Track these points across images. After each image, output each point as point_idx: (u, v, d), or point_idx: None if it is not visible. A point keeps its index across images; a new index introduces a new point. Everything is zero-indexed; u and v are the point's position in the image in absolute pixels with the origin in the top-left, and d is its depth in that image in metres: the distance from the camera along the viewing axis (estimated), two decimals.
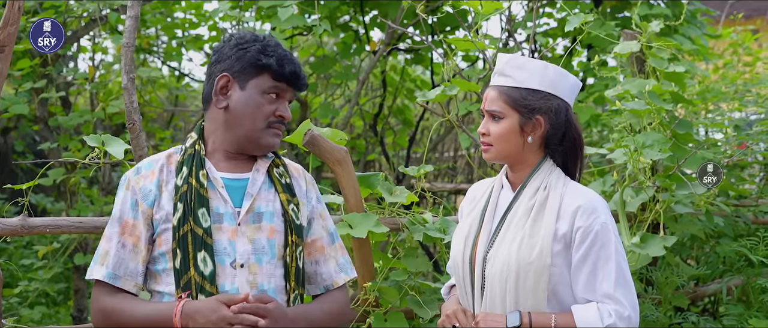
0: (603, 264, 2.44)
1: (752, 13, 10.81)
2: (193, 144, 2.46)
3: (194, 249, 2.33)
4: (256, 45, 2.43)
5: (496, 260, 2.49)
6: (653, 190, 3.88)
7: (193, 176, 2.39)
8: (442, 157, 8.49)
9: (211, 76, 2.46)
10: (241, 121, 2.42)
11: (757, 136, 4.69)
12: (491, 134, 2.55)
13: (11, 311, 5.43)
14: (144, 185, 2.41)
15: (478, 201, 2.69)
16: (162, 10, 6.35)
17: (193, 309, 2.27)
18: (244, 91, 2.42)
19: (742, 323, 4.33)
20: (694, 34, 5.62)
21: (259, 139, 2.44)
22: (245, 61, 2.42)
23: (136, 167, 2.46)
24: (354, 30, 6.57)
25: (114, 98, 5.79)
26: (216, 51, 2.49)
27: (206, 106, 2.49)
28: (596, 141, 5.35)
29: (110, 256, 2.39)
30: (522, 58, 2.57)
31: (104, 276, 2.37)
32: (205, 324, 2.24)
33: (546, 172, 2.56)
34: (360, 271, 3.52)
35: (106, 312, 2.37)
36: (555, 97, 2.54)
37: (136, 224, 2.40)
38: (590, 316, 2.42)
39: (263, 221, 2.43)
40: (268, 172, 2.51)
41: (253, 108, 2.42)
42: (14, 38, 2.92)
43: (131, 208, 2.41)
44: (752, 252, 4.36)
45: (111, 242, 2.40)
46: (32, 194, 6.53)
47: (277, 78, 2.43)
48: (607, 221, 2.47)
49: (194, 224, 2.34)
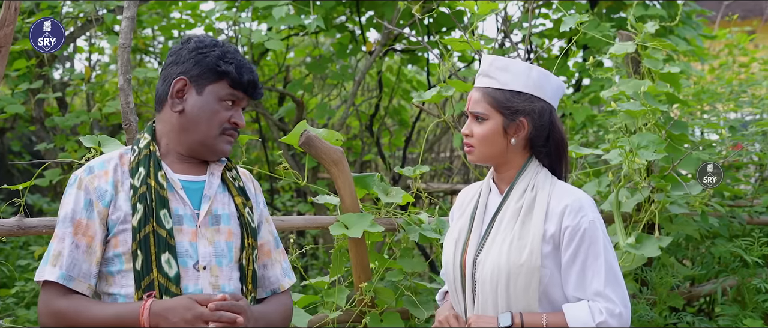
0: (592, 262, 2.45)
1: (748, 13, 10.83)
2: (148, 145, 2.41)
3: (157, 251, 2.29)
4: (215, 50, 2.40)
5: (487, 264, 2.50)
6: (648, 190, 3.89)
7: (151, 177, 2.34)
8: (438, 158, 8.50)
9: (166, 79, 2.42)
10: (196, 127, 2.40)
11: (752, 136, 4.70)
12: (474, 135, 2.56)
13: (8, 312, 5.43)
14: (99, 184, 2.35)
15: (467, 205, 2.70)
16: (158, 10, 6.35)
17: (164, 308, 2.22)
18: (201, 96, 2.39)
19: (737, 324, 4.35)
20: (689, 35, 5.63)
21: (213, 145, 2.42)
22: (204, 66, 2.39)
23: (87, 166, 2.39)
24: (350, 30, 6.59)
25: (110, 99, 5.79)
26: (173, 53, 2.45)
27: (159, 107, 2.45)
28: (592, 142, 5.35)
29: (63, 257, 2.30)
30: (506, 60, 2.58)
31: (58, 277, 2.29)
32: (178, 323, 2.20)
33: (532, 173, 2.57)
34: (356, 271, 3.53)
35: (60, 315, 2.29)
36: (538, 99, 2.55)
37: (89, 224, 2.33)
38: (581, 314, 2.43)
39: (221, 224, 2.42)
40: (222, 175, 2.50)
41: (208, 114, 2.39)
42: (11, 39, 2.92)
43: (85, 207, 2.33)
44: (747, 252, 4.37)
45: (64, 243, 2.31)
46: (28, 195, 6.52)
47: (235, 86, 2.41)
48: (594, 218, 2.48)
49: (157, 226, 2.30)
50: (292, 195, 7.73)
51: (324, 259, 6.82)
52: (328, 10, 6.08)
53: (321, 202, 3.60)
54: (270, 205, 7.16)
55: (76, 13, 5.76)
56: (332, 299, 3.47)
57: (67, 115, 5.82)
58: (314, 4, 5.63)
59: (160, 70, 2.47)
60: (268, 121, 6.52)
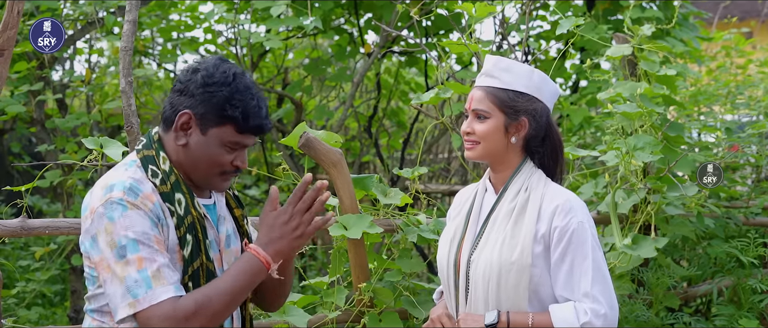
0: (580, 262, 2.49)
1: (745, 15, 10.86)
2: (172, 168, 2.28)
3: (207, 283, 2.24)
4: (223, 91, 2.24)
5: (480, 262, 2.55)
6: (645, 192, 3.92)
7: (191, 206, 2.26)
8: (436, 159, 8.51)
9: (173, 106, 2.29)
10: (196, 164, 2.28)
11: (748, 138, 4.73)
12: (476, 133, 2.61)
13: (9, 312, 5.45)
14: (152, 207, 2.19)
15: (464, 205, 2.74)
16: (158, 12, 6.38)
17: (266, 239, 2.22)
18: (204, 137, 2.26)
19: (733, 324, 4.37)
20: (686, 37, 5.66)
21: (209, 185, 2.33)
22: (210, 107, 2.24)
23: (122, 187, 2.18)
24: (348, 32, 6.61)
25: (110, 100, 5.81)
26: (182, 80, 2.30)
27: (166, 130, 2.32)
28: (589, 143, 5.37)
29: (163, 273, 2.14)
30: (509, 61, 2.64)
31: (173, 293, 2.14)
32: (286, 236, 2.22)
33: (527, 173, 2.62)
34: (355, 272, 3.55)
35: (198, 308, 2.15)
36: (538, 101, 2.61)
37: (161, 240, 2.19)
38: (566, 315, 2.47)
39: (232, 245, 2.40)
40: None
41: (209, 157, 2.27)
42: (13, 42, 2.94)
43: (154, 225, 2.18)
44: (743, 253, 4.40)
45: (155, 261, 2.14)
46: (29, 196, 6.54)
47: (241, 131, 2.27)
48: (583, 220, 2.52)
49: (206, 259, 2.25)
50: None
51: (322, 259, 6.84)
52: (326, 11, 6.09)
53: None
54: None
55: (76, 15, 5.79)
56: (331, 299, 3.49)
57: (67, 116, 5.84)
58: (312, 5, 5.65)
59: (171, 92, 2.34)
60: None
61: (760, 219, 4.86)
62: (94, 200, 2.20)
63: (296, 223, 2.23)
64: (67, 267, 6.14)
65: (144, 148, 2.32)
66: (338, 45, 6.62)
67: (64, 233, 3.15)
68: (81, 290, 5.91)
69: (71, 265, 5.82)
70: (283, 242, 2.23)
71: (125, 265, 2.13)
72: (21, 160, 7.84)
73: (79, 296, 5.90)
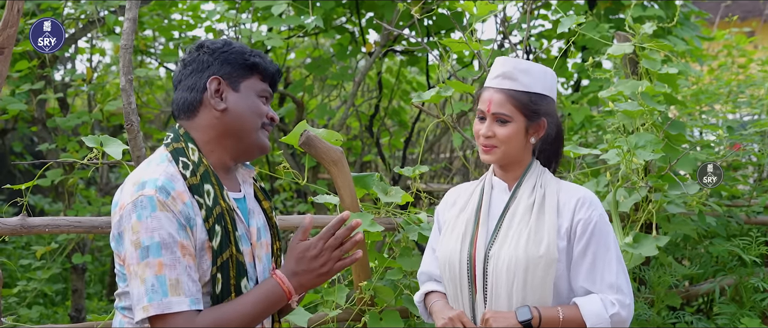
0: (603, 254, 2.53)
1: (747, 14, 10.85)
2: (201, 158, 2.26)
3: (238, 276, 2.22)
4: (233, 47, 2.31)
5: (501, 257, 2.54)
6: (646, 190, 3.92)
7: (220, 197, 2.23)
8: (437, 158, 8.52)
9: (193, 87, 2.29)
10: (242, 123, 2.28)
11: (750, 137, 4.72)
12: (497, 136, 2.59)
13: (10, 311, 5.46)
14: (182, 208, 2.16)
15: (467, 202, 2.73)
16: (159, 11, 6.38)
17: (292, 269, 2.23)
18: (239, 92, 2.29)
19: (734, 323, 4.37)
20: (687, 36, 5.66)
21: (256, 139, 2.31)
22: (233, 63, 2.29)
23: (154, 186, 2.15)
24: (350, 32, 6.60)
25: (111, 99, 5.82)
26: (190, 62, 2.32)
27: (190, 116, 2.31)
28: (590, 142, 5.37)
29: (182, 283, 2.12)
30: (527, 63, 2.62)
31: (189, 305, 2.12)
32: (313, 268, 2.22)
33: (538, 170, 2.65)
34: (355, 270, 3.55)
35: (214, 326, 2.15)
36: (552, 100, 2.64)
37: (187, 245, 2.15)
38: (595, 307, 2.50)
39: (262, 238, 2.37)
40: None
41: (251, 108, 2.29)
42: (13, 40, 2.94)
43: (180, 229, 2.14)
44: (745, 252, 4.39)
45: (176, 269, 2.12)
46: (30, 195, 6.54)
47: (265, 79, 2.34)
48: (603, 213, 2.58)
49: (235, 251, 2.23)
50: (292, 195, 7.75)
51: None
52: (327, 11, 6.10)
53: (321, 201, 3.62)
54: None
55: (77, 14, 5.79)
56: (332, 297, 3.49)
57: (68, 115, 5.84)
58: (314, 4, 5.65)
59: (176, 82, 2.35)
60: None
61: (762, 218, 4.86)
62: (125, 196, 2.17)
63: (324, 259, 2.23)
64: (68, 266, 6.14)
65: (173, 142, 2.29)
66: (340, 44, 6.62)
67: (65, 232, 3.14)
68: (82, 289, 5.92)
69: (72, 264, 5.82)
70: (308, 276, 2.23)
71: (145, 267, 2.11)
72: (22, 159, 7.85)
73: (80, 295, 5.90)
